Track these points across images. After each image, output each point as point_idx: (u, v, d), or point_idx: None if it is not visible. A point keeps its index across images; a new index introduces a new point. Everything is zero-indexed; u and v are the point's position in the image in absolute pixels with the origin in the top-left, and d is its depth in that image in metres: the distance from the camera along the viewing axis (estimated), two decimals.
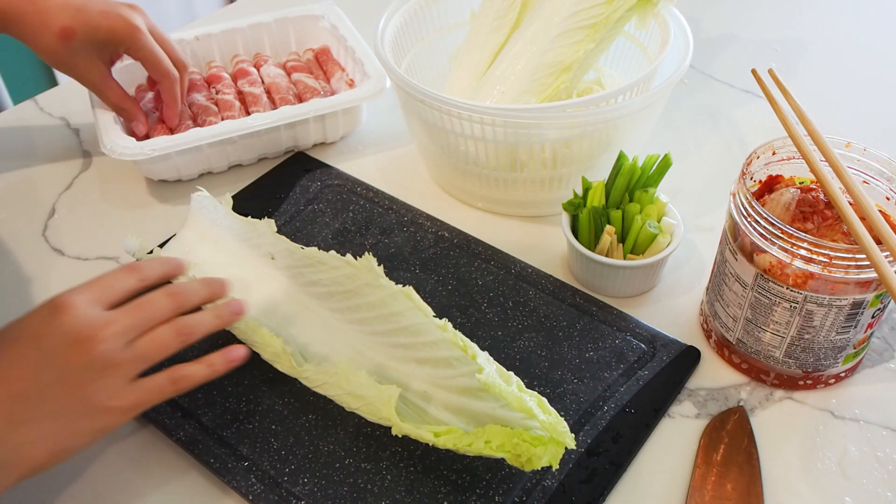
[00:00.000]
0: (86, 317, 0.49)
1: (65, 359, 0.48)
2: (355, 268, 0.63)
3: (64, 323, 0.48)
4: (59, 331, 0.48)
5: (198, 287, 0.56)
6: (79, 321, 0.49)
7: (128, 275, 0.53)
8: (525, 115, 0.70)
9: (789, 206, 0.59)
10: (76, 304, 0.49)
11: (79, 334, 0.48)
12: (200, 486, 0.58)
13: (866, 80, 0.98)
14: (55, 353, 0.48)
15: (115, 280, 0.52)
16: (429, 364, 0.57)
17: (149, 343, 0.52)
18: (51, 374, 0.48)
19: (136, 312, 0.51)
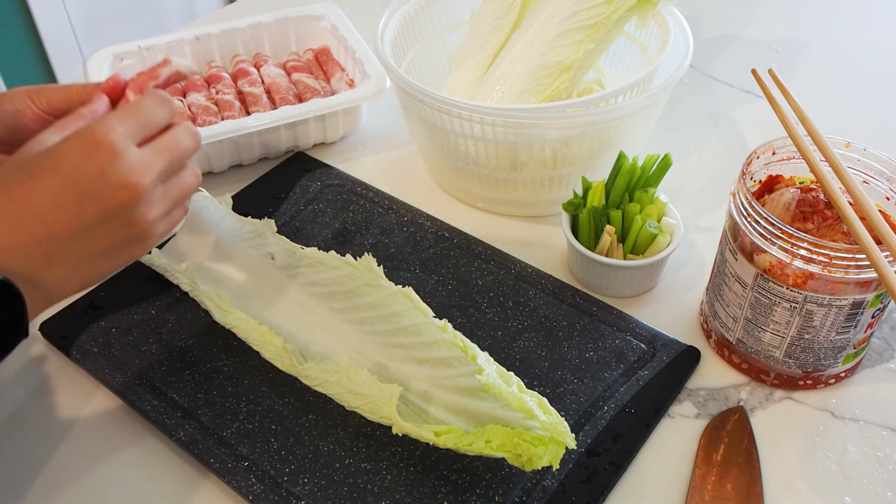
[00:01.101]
0: (128, 160, 0.48)
1: (107, 202, 0.47)
2: (355, 268, 0.63)
3: (105, 164, 0.47)
4: (100, 172, 0.47)
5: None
6: (121, 165, 0.47)
7: (161, 107, 0.52)
8: (525, 115, 0.70)
9: (789, 206, 0.60)
10: (117, 145, 0.47)
11: (121, 179, 0.47)
12: (200, 486, 0.58)
13: (866, 80, 0.98)
14: (97, 195, 0.47)
15: (151, 114, 0.51)
16: (429, 364, 0.57)
17: (179, 188, 0.52)
18: (92, 215, 0.47)
19: (169, 155, 0.51)
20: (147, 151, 0.49)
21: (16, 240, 0.46)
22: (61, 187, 0.46)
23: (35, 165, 0.47)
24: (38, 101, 0.56)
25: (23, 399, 0.63)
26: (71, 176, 0.46)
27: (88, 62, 0.89)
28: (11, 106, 0.56)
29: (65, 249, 0.47)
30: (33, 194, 0.46)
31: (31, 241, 0.46)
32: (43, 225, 0.46)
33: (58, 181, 0.46)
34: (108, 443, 0.61)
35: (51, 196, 0.46)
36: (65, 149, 0.47)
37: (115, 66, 0.90)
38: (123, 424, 0.62)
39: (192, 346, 0.66)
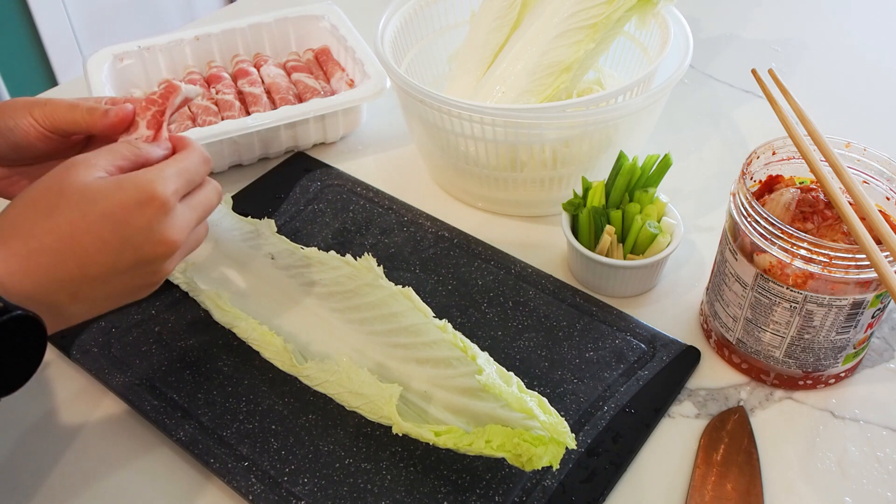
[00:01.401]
0: (173, 218, 0.50)
1: (145, 253, 0.49)
2: (355, 268, 0.63)
3: (155, 219, 0.49)
4: (148, 225, 0.48)
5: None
6: (167, 222, 0.49)
7: (203, 166, 0.54)
8: (525, 115, 0.70)
9: (789, 206, 0.60)
10: (169, 203, 0.49)
11: (163, 235, 0.49)
12: (201, 487, 0.58)
13: (866, 80, 0.98)
14: (138, 246, 0.48)
15: (196, 174, 0.53)
16: (429, 364, 0.57)
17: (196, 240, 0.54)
18: (126, 263, 0.49)
19: (202, 213, 0.53)
20: (187, 209, 0.51)
21: (51, 277, 0.47)
22: (109, 234, 0.47)
23: (90, 207, 0.47)
24: (40, 119, 0.57)
25: (22, 399, 0.63)
26: (121, 224, 0.48)
27: (88, 62, 0.89)
28: (14, 123, 0.56)
29: (93, 290, 0.49)
30: (83, 237, 0.47)
31: (66, 279, 0.47)
32: (81, 267, 0.47)
33: (108, 228, 0.47)
34: (109, 443, 0.61)
35: (97, 241, 0.47)
36: (122, 196, 0.48)
37: (115, 65, 0.90)
38: (123, 424, 0.62)
39: (192, 346, 0.66)
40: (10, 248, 0.46)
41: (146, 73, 0.92)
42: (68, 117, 0.57)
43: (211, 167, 0.55)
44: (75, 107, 0.57)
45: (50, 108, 0.57)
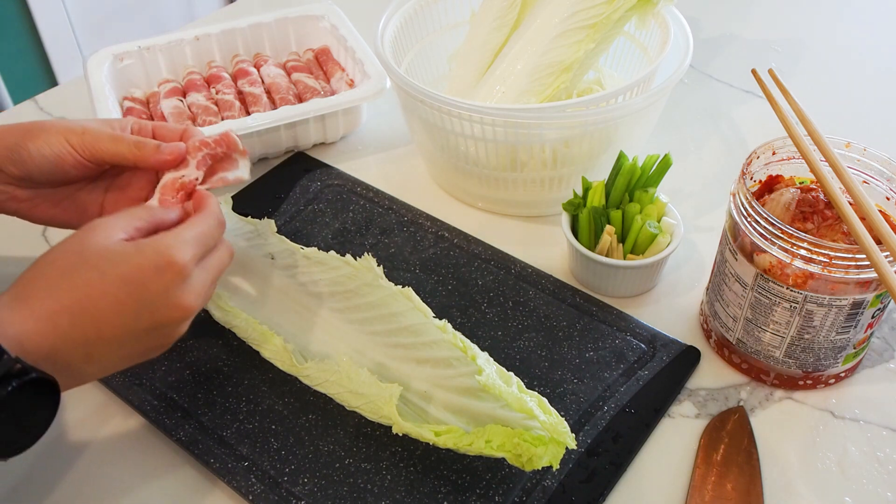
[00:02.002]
0: (190, 284, 0.50)
1: (161, 317, 0.50)
2: (355, 268, 0.63)
3: (172, 284, 0.49)
4: (165, 290, 0.49)
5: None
6: (184, 287, 0.50)
7: (219, 230, 0.54)
8: (525, 115, 0.70)
9: (789, 206, 0.59)
10: (187, 270, 0.50)
11: (180, 300, 0.50)
12: (200, 486, 0.58)
13: (866, 80, 0.98)
14: (154, 309, 0.49)
15: (212, 238, 0.53)
16: (429, 364, 0.57)
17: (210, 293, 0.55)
18: (143, 326, 0.49)
19: (216, 275, 0.54)
20: (202, 273, 0.52)
21: (68, 338, 0.47)
22: (126, 297, 0.48)
23: (109, 269, 0.48)
24: (79, 148, 0.56)
25: None
26: (139, 288, 0.48)
27: (88, 62, 0.89)
28: (50, 150, 0.56)
29: (108, 351, 0.49)
30: (101, 299, 0.47)
31: (82, 340, 0.47)
32: (97, 328, 0.48)
33: (125, 291, 0.48)
34: (108, 443, 0.61)
35: (115, 304, 0.48)
36: (141, 261, 0.48)
37: (115, 65, 0.90)
38: (123, 424, 0.62)
39: (193, 346, 0.66)
40: (30, 308, 0.46)
41: (146, 73, 0.92)
42: (111, 149, 0.57)
43: (224, 229, 0.56)
44: (119, 139, 0.57)
45: (90, 137, 0.57)
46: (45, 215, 0.60)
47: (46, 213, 0.60)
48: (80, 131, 0.57)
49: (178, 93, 0.90)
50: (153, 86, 0.92)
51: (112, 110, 0.83)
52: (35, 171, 0.57)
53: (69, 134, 0.57)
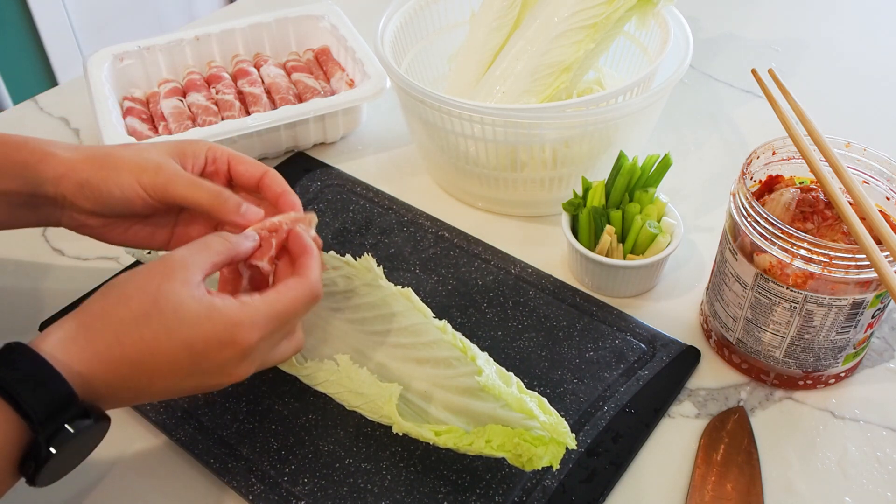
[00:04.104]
0: (248, 362, 0.50)
1: (208, 381, 0.50)
2: (355, 268, 0.63)
3: (230, 361, 0.49)
4: (222, 363, 0.49)
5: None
6: (240, 365, 0.49)
7: (307, 308, 0.52)
8: (525, 115, 0.70)
9: (789, 206, 0.59)
10: (248, 351, 0.49)
11: (232, 373, 0.50)
12: (200, 486, 0.58)
13: (866, 80, 0.98)
14: (205, 374, 0.49)
15: (296, 316, 0.51)
16: (429, 364, 0.57)
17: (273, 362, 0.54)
18: (190, 385, 0.49)
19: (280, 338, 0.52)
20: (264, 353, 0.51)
21: (124, 385, 0.47)
22: (185, 360, 0.48)
23: (177, 328, 0.47)
24: (150, 190, 0.55)
25: None
26: (199, 356, 0.48)
27: (88, 62, 0.89)
28: (121, 193, 0.55)
29: (151, 398, 0.50)
30: (161, 355, 0.47)
31: (135, 389, 0.48)
32: (150, 381, 0.48)
33: (185, 354, 0.47)
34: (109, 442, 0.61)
35: (173, 363, 0.47)
36: (208, 330, 0.47)
37: (115, 65, 0.90)
38: (123, 424, 0.62)
39: None
40: (97, 350, 0.46)
41: (146, 73, 0.92)
42: (189, 195, 0.55)
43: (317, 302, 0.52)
44: (197, 186, 0.55)
45: (163, 179, 0.55)
46: (117, 240, 0.60)
47: (117, 238, 0.60)
48: (153, 170, 0.55)
49: (178, 93, 0.90)
50: (153, 86, 0.92)
51: (112, 110, 0.83)
52: (104, 208, 0.56)
53: (142, 174, 0.55)
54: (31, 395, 0.43)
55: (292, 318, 0.51)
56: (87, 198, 0.56)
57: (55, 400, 0.43)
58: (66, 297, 0.70)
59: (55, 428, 0.43)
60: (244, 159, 0.59)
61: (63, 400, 0.44)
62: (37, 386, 0.43)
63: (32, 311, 0.71)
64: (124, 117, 0.85)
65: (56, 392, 0.44)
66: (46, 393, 0.43)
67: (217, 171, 0.58)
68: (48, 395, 0.43)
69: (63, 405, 0.44)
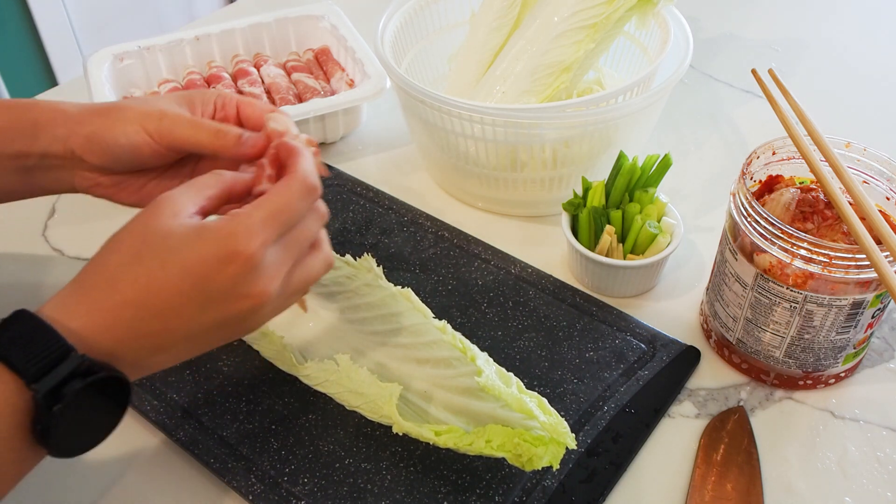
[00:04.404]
0: (263, 270, 0.46)
1: (230, 310, 0.46)
2: (355, 268, 0.63)
3: (238, 276, 0.45)
4: (231, 282, 0.45)
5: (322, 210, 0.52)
6: (253, 277, 0.45)
7: (307, 201, 0.48)
8: (525, 115, 0.70)
9: (789, 206, 0.60)
10: (255, 258, 0.45)
11: (249, 290, 0.46)
12: (200, 486, 0.58)
13: (866, 80, 0.98)
14: (222, 302, 0.45)
15: (293, 213, 0.47)
16: (429, 364, 0.57)
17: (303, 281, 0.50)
18: (211, 319, 0.46)
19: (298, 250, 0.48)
20: (279, 253, 0.47)
21: (133, 332, 0.45)
22: (190, 288, 0.45)
23: (169, 256, 0.45)
24: (156, 135, 0.54)
25: None
26: (202, 281, 0.45)
27: (88, 62, 0.89)
28: (127, 140, 0.54)
29: (175, 344, 0.46)
30: (162, 290, 0.44)
31: (148, 333, 0.45)
32: (162, 321, 0.45)
33: (188, 283, 0.44)
34: (108, 443, 0.61)
35: (178, 295, 0.45)
36: (202, 251, 0.45)
37: (115, 65, 0.90)
38: (122, 424, 0.62)
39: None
40: (93, 300, 0.44)
41: (146, 73, 0.92)
42: (191, 137, 0.54)
43: (318, 196, 0.49)
44: (198, 126, 0.54)
45: (168, 123, 0.54)
46: (131, 199, 0.58)
47: (131, 197, 0.58)
48: (157, 116, 0.54)
49: None
50: (153, 86, 0.92)
51: None
52: (113, 161, 0.55)
53: (146, 120, 0.54)
54: (22, 351, 0.41)
55: (291, 216, 0.47)
56: (94, 151, 0.55)
57: (47, 353, 0.41)
58: None
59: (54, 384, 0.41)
60: (252, 102, 0.57)
61: (57, 354, 0.41)
62: (27, 343, 0.41)
63: None
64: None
65: (48, 346, 0.42)
66: (38, 347, 0.41)
67: (227, 116, 0.57)
68: (40, 349, 0.41)
69: (57, 359, 0.41)
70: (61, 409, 0.41)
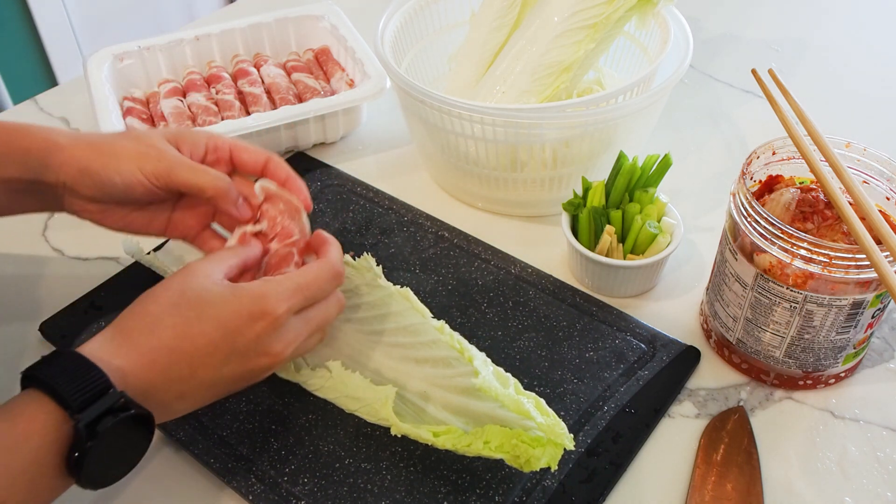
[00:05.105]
0: (283, 333, 0.51)
1: (250, 364, 0.51)
2: (355, 268, 0.63)
3: (264, 333, 0.50)
4: (256, 338, 0.50)
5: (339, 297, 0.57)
6: (275, 337, 0.51)
7: (331, 284, 0.54)
8: (525, 115, 0.70)
9: (789, 206, 0.59)
10: (280, 319, 0.50)
11: (270, 349, 0.51)
12: (200, 486, 0.58)
13: (866, 80, 0.98)
14: (244, 355, 0.50)
15: (319, 290, 0.53)
16: (428, 364, 0.57)
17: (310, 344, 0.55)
18: (231, 371, 0.50)
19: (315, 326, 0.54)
20: (299, 323, 0.52)
21: (165, 376, 0.48)
22: (220, 340, 0.49)
23: (206, 309, 0.49)
24: (152, 177, 0.56)
25: None
26: (232, 333, 0.49)
27: (88, 62, 0.89)
28: (121, 179, 0.55)
29: (198, 392, 0.50)
30: (196, 338, 0.48)
31: (177, 379, 0.48)
32: (191, 368, 0.49)
33: (219, 334, 0.49)
34: None
35: (209, 345, 0.49)
36: (236, 307, 0.49)
37: (115, 65, 0.90)
38: None
39: None
40: (133, 343, 0.48)
41: (146, 73, 0.92)
42: (191, 180, 0.56)
43: (341, 282, 0.55)
44: (199, 171, 0.56)
45: (165, 166, 0.56)
46: (114, 226, 0.60)
47: (115, 224, 0.60)
48: (155, 157, 0.56)
49: (178, 93, 0.90)
50: (153, 86, 0.92)
51: (112, 110, 0.83)
52: (104, 195, 0.57)
53: (143, 161, 0.56)
54: (69, 383, 0.44)
55: (317, 292, 0.53)
56: (86, 185, 0.56)
57: (91, 387, 0.44)
58: (65, 298, 0.70)
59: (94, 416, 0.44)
60: (247, 147, 0.60)
61: (99, 388, 0.44)
62: (74, 377, 0.44)
63: (32, 311, 0.71)
64: (124, 117, 0.85)
65: (92, 381, 0.44)
66: (83, 381, 0.44)
67: (219, 159, 0.59)
68: (84, 383, 0.44)
69: (99, 393, 0.44)
70: (96, 442, 0.44)
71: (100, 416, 0.44)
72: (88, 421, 0.43)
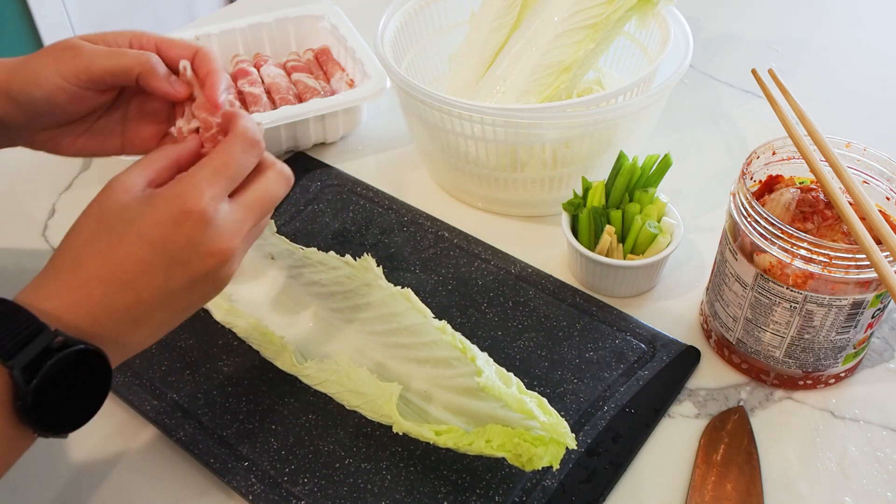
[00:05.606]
0: (217, 227, 0.46)
1: (196, 269, 0.47)
2: (355, 268, 0.63)
3: (195, 234, 0.46)
4: (190, 241, 0.46)
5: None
6: (211, 233, 0.46)
7: (250, 154, 0.49)
8: (525, 115, 0.70)
9: (789, 206, 0.60)
10: (206, 212, 0.46)
11: (211, 247, 0.46)
12: (200, 486, 0.58)
13: (866, 80, 0.98)
14: (186, 263, 0.46)
15: (240, 166, 0.48)
16: (429, 364, 0.57)
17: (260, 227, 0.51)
18: (179, 282, 0.46)
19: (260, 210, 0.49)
20: (237, 210, 0.48)
21: (106, 307, 0.45)
22: (151, 256, 0.45)
23: (125, 228, 0.46)
24: (72, 77, 0.52)
25: None
26: (161, 245, 0.45)
27: None
28: (41, 93, 0.52)
29: (152, 314, 0.47)
30: (125, 261, 0.45)
31: (122, 307, 0.45)
32: (133, 292, 0.46)
33: (148, 250, 0.45)
34: (108, 442, 0.61)
35: (141, 264, 0.45)
36: (154, 216, 0.46)
37: None
38: (123, 424, 0.62)
39: (192, 346, 0.66)
40: (61, 281, 0.45)
41: None
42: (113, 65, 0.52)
43: (261, 150, 0.50)
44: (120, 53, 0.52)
45: (84, 60, 0.52)
46: (70, 150, 0.57)
47: (70, 148, 0.57)
48: (70, 55, 0.52)
49: None
50: None
51: None
52: (36, 116, 0.54)
53: (59, 64, 0.52)
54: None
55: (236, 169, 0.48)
56: (17, 110, 0.54)
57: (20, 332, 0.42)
58: None
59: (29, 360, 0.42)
60: (175, 42, 0.55)
61: (31, 331, 0.42)
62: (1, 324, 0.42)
63: None
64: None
65: (21, 324, 0.42)
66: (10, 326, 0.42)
67: None
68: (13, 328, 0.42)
69: (31, 335, 0.42)
70: (38, 384, 0.42)
71: (37, 359, 0.41)
72: (23, 365, 0.41)
